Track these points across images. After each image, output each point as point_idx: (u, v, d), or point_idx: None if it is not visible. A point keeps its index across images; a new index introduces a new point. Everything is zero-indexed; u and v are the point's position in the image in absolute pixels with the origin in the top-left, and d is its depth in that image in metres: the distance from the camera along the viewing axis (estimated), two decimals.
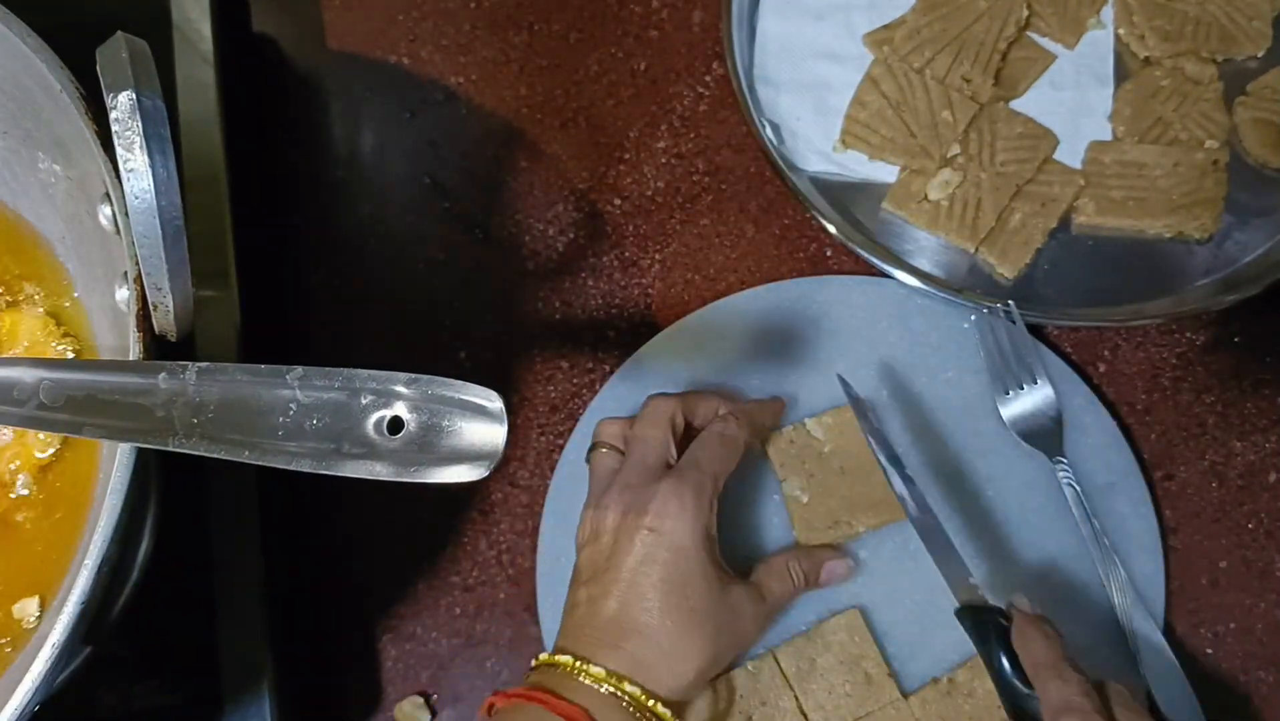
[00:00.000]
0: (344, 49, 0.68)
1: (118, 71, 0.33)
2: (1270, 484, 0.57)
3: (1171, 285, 0.58)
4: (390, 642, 0.57)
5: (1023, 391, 0.56)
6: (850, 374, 0.57)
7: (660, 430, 0.50)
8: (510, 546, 0.58)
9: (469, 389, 0.31)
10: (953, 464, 0.56)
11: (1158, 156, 0.59)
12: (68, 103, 0.41)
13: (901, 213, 0.60)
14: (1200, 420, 0.58)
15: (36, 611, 0.43)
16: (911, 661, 0.52)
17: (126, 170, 0.33)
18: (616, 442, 0.52)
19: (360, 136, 0.66)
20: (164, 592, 0.47)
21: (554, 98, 0.66)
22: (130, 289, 0.38)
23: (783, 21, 0.64)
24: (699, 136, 0.65)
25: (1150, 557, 0.54)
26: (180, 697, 0.52)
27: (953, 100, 0.60)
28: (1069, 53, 0.63)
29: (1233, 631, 0.55)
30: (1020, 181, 0.59)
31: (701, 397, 0.53)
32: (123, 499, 0.37)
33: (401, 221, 0.64)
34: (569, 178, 0.64)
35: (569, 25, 0.67)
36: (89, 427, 0.34)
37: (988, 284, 0.59)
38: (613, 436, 0.52)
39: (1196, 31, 0.61)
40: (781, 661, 0.52)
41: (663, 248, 0.63)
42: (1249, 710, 0.54)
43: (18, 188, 0.49)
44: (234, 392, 0.32)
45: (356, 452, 0.31)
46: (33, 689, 0.35)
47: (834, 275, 0.60)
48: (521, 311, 0.62)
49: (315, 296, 0.63)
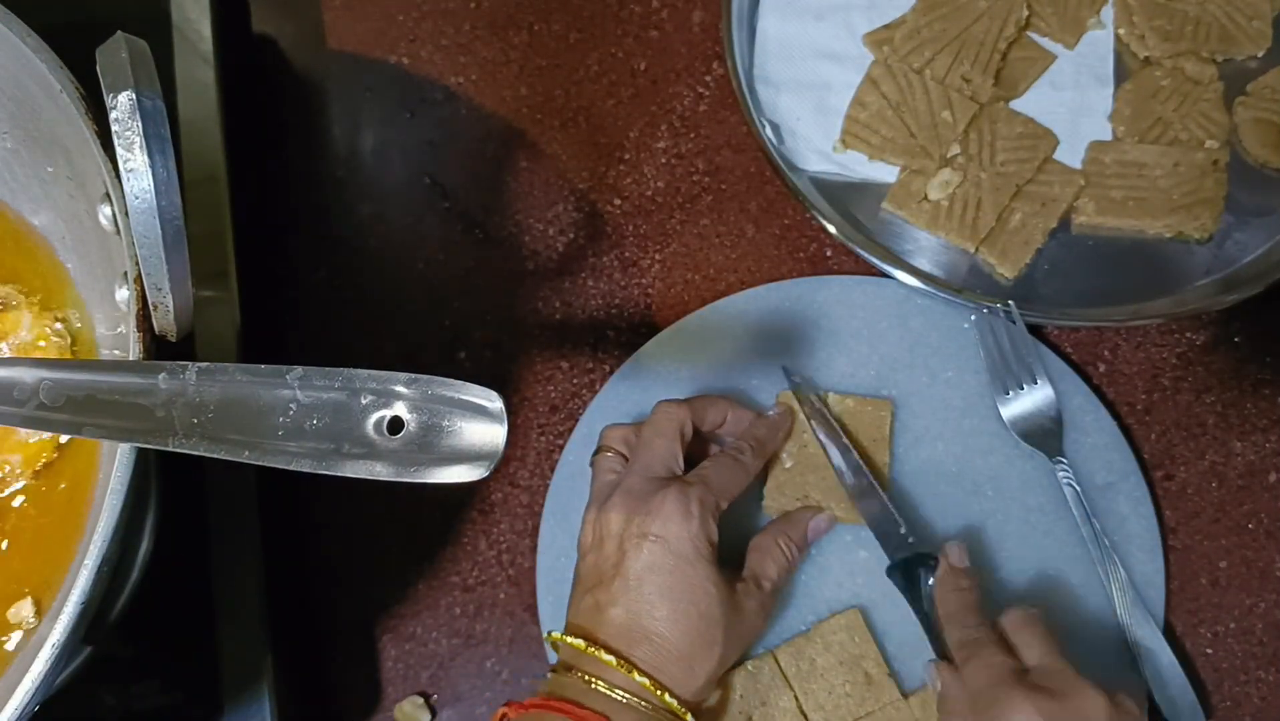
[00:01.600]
0: (344, 49, 0.68)
1: (118, 71, 0.33)
2: (1270, 484, 0.57)
3: (1171, 285, 0.58)
4: (390, 642, 0.57)
5: (1023, 391, 0.56)
6: (850, 374, 0.57)
7: (668, 438, 0.50)
8: (510, 546, 0.58)
9: (469, 389, 0.31)
10: (953, 464, 0.56)
11: (1158, 156, 0.59)
12: (68, 103, 0.41)
13: (901, 213, 0.60)
14: (1200, 420, 0.58)
15: (32, 613, 0.43)
16: (911, 661, 0.52)
17: (126, 170, 0.33)
18: (621, 447, 0.51)
19: (360, 136, 0.66)
20: (164, 592, 0.47)
21: (554, 98, 0.66)
22: (130, 289, 0.38)
23: (783, 21, 0.64)
24: (699, 136, 0.65)
25: (1150, 557, 0.54)
26: (180, 697, 0.52)
27: (953, 100, 0.60)
28: (1069, 53, 0.63)
29: (1233, 631, 0.55)
30: (1020, 181, 0.59)
31: (710, 403, 0.53)
32: (123, 499, 0.37)
33: (401, 221, 0.64)
34: (569, 178, 0.64)
35: (569, 25, 0.67)
36: (89, 428, 0.34)
37: (988, 284, 0.59)
38: (618, 441, 0.52)
39: (1196, 31, 0.61)
40: (781, 661, 0.52)
41: (663, 248, 0.63)
42: (1249, 710, 0.54)
43: (18, 188, 0.49)
44: (234, 392, 0.32)
45: (356, 452, 0.31)
46: (33, 689, 0.35)
47: (834, 275, 0.60)
48: (521, 311, 0.62)
49: (315, 296, 0.63)
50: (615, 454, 0.51)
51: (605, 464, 0.51)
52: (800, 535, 0.52)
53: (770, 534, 0.52)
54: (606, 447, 0.52)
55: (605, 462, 0.51)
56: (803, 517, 0.53)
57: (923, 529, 0.54)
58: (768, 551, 0.51)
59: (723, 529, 0.48)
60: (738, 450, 0.51)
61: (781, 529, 0.52)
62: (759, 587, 0.49)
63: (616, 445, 0.52)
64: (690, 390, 0.57)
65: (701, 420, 0.52)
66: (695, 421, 0.51)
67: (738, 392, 0.57)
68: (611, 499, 0.48)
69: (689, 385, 0.57)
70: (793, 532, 0.52)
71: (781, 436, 0.54)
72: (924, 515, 0.55)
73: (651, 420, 0.51)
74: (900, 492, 0.55)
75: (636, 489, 0.48)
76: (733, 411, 0.53)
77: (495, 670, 0.56)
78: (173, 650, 0.52)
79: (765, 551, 0.51)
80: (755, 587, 0.49)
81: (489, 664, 0.56)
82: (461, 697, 0.56)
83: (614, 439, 0.52)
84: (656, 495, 0.47)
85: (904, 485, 0.55)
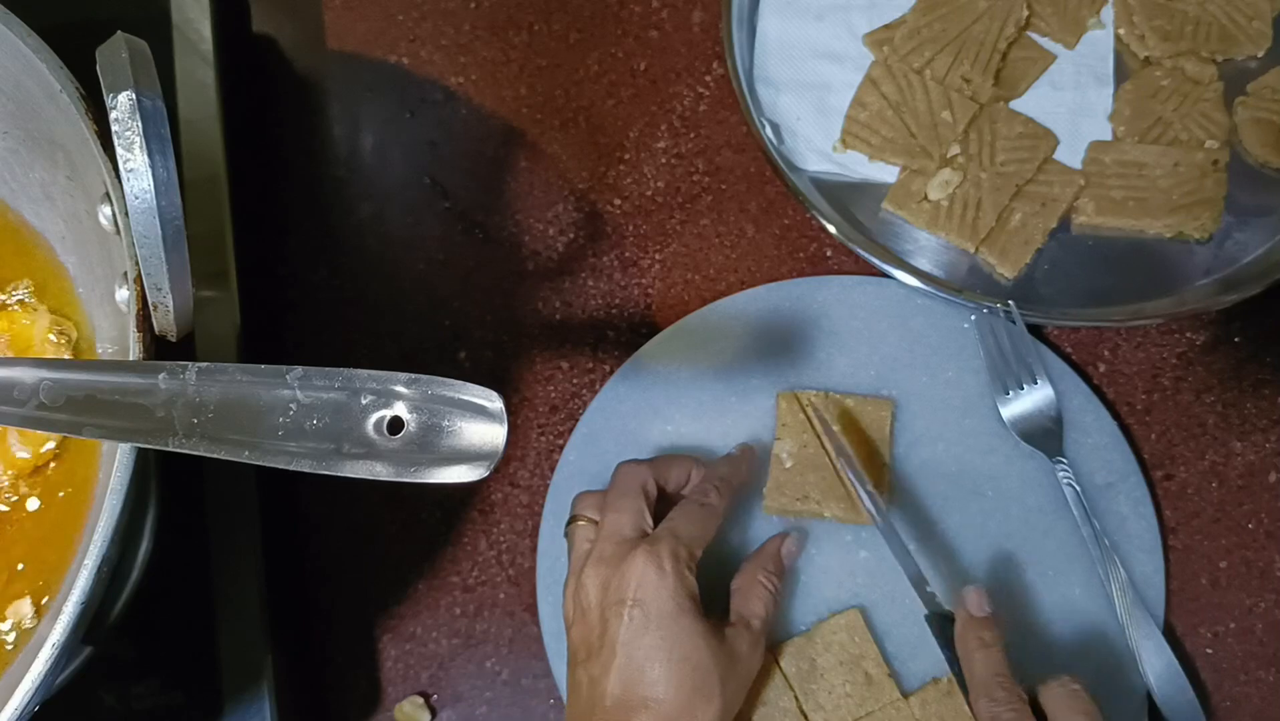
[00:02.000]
0: (344, 49, 0.68)
1: (118, 71, 0.33)
2: (1270, 484, 0.57)
3: (1171, 285, 0.58)
4: (390, 642, 0.57)
5: (1023, 391, 0.56)
6: (850, 374, 0.57)
7: (632, 498, 0.49)
8: (510, 546, 0.58)
9: (469, 389, 0.31)
10: (953, 464, 0.56)
11: (1158, 156, 0.59)
12: (68, 103, 0.41)
13: (901, 213, 0.60)
14: (1200, 420, 0.58)
15: (31, 613, 0.43)
16: (911, 661, 0.53)
17: (126, 170, 0.33)
18: (594, 514, 0.51)
19: (360, 136, 0.66)
20: (164, 592, 0.47)
21: (554, 98, 0.66)
22: (130, 289, 0.38)
23: (783, 21, 0.64)
24: (699, 136, 0.65)
25: (1150, 557, 0.54)
26: (180, 697, 0.52)
27: (953, 100, 0.60)
28: (1069, 53, 0.63)
29: (1233, 631, 0.55)
30: (1020, 181, 0.59)
31: (673, 462, 0.52)
32: (123, 499, 0.37)
33: (401, 221, 0.64)
34: (569, 178, 0.64)
35: (569, 25, 0.67)
36: (89, 428, 0.34)
37: (988, 284, 0.59)
38: (589, 508, 0.51)
39: (1196, 31, 0.61)
40: (781, 661, 0.52)
41: (663, 248, 0.63)
42: (1249, 710, 0.54)
43: (18, 188, 0.49)
44: (234, 392, 0.32)
45: (356, 452, 0.31)
46: (32, 689, 0.35)
47: (834, 275, 0.60)
48: (521, 311, 0.62)
49: (315, 296, 0.63)
50: (588, 521, 0.50)
51: (579, 534, 0.50)
52: (776, 565, 0.52)
53: (748, 572, 0.51)
54: (579, 516, 0.51)
55: (579, 532, 0.50)
56: (774, 547, 0.53)
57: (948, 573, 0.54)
58: (750, 590, 0.51)
59: (724, 536, 0.48)
60: (702, 492, 0.51)
61: (758, 564, 0.52)
62: (748, 628, 0.49)
63: (588, 513, 0.51)
64: (690, 390, 0.57)
65: (665, 479, 0.51)
66: (659, 480, 0.51)
67: (738, 393, 0.57)
68: (585, 569, 0.48)
69: (689, 385, 0.57)
70: (769, 565, 0.52)
71: (745, 470, 0.54)
72: (924, 515, 0.55)
73: (614, 483, 0.51)
74: (900, 492, 0.55)
75: (608, 554, 0.48)
76: (696, 470, 0.52)
77: (495, 670, 0.56)
78: (173, 650, 0.52)
79: (748, 591, 0.51)
80: (745, 629, 0.49)
81: (489, 664, 0.56)
82: (461, 697, 0.56)
83: (585, 506, 0.51)
84: (627, 558, 0.47)
85: (904, 485, 0.56)
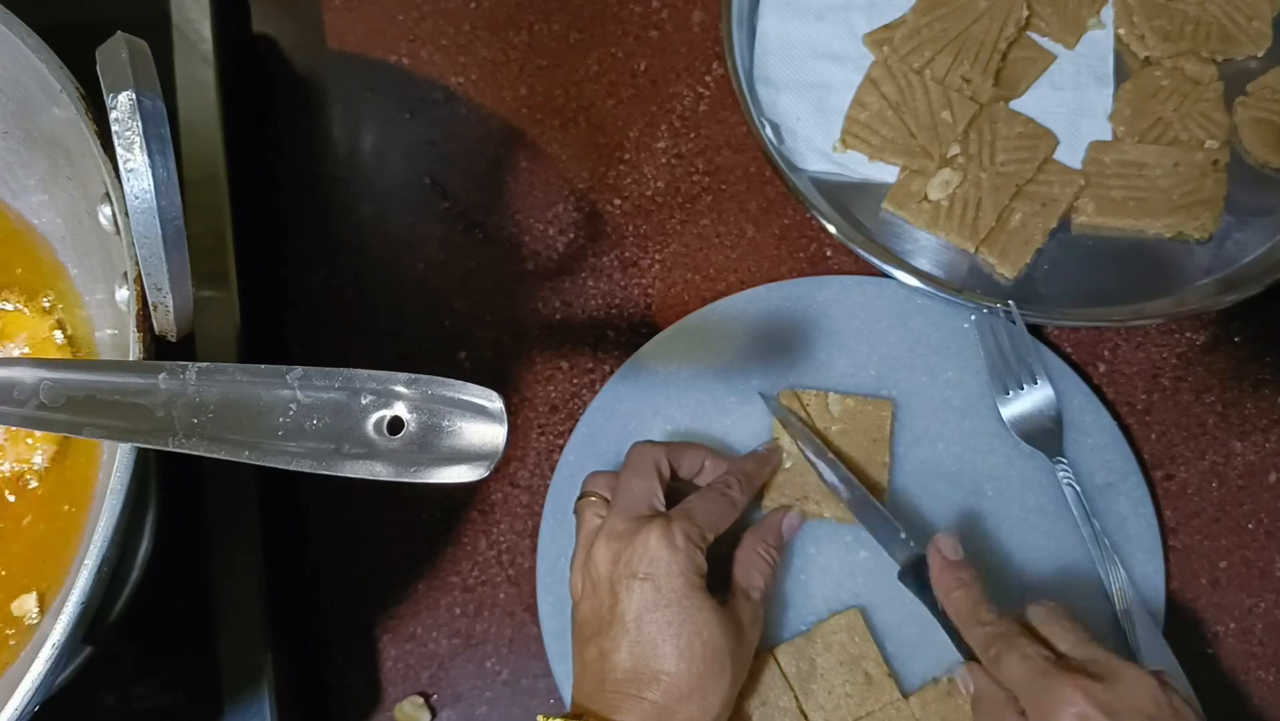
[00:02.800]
0: (344, 49, 0.68)
1: (118, 71, 0.33)
2: (1270, 484, 0.57)
3: (1171, 285, 0.58)
4: (390, 642, 0.57)
5: (1023, 391, 0.56)
6: (850, 374, 0.57)
7: (645, 477, 0.50)
8: (510, 546, 0.58)
9: (469, 389, 0.31)
10: (953, 464, 0.56)
11: (1158, 156, 0.59)
12: (68, 103, 0.41)
13: (901, 213, 0.60)
14: (1200, 420, 0.58)
15: (35, 607, 0.43)
16: (911, 661, 0.53)
17: (126, 170, 0.33)
18: (604, 492, 0.51)
19: (360, 136, 0.66)
20: (164, 592, 0.47)
21: (554, 98, 0.66)
22: (130, 289, 0.38)
23: (783, 21, 0.64)
24: (699, 136, 0.65)
25: (1150, 557, 0.54)
26: (180, 697, 0.52)
27: (953, 100, 0.60)
28: (1069, 53, 0.63)
29: (1233, 631, 0.55)
30: (1020, 181, 0.59)
31: (687, 448, 0.53)
32: (123, 499, 0.37)
33: (401, 221, 0.64)
34: (569, 178, 0.64)
35: (569, 25, 0.67)
36: (89, 428, 0.34)
37: (988, 284, 0.59)
38: (600, 486, 0.51)
39: (1196, 31, 0.61)
40: (781, 661, 0.52)
41: (663, 248, 0.63)
42: (1249, 710, 0.54)
43: (18, 188, 0.49)
44: (234, 392, 0.32)
45: (356, 452, 0.31)
46: (33, 689, 0.35)
47: (834, 275, 0.60)
48: (521, 311, 0.62)
49: (315, 296, 0.63)
50: (598, 499, 0.51)
51: (589, 509, 0.51)
52: (776, 537, 0.52)
53: (748, 544, 0.52)
54: (589, 493, 0.51)
55: (589, 508, 0.51)
56: (775, 519, 0.53)
57: (923, 530, 0.54)
58: (750, 562, 0.51)
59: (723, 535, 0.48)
60: (725, 484, 0.51)
61: (758, 536, 0.52)
62: (749, 599, 0.49)
63: (599, 490, 0.51)
64: (690, 390, 0.57)
65: (678, 464, 0.52)
66: (672, 463, 0.51)
67: (738, 393, 0.57)
68: (596, 543, 0.48)
69: (689, 385, 0.57)
70: (769, 537, 0.52)
71: (769, 471, 0.54)
72: (924, 515, 0.55)
73: (627, 461, 0.51)
74: (900, 492, 0.55)
75: (620, 529, 0.48)
76: (710, 460, 0.53)
77: (495, 670, 0.56)
78: (173, 650, 0.52)
79: (748, 563, 0.51)
80: (746, 600, 0.49)
81: (489, 664, 0.56)
82: (461, 697, 0.56)
83: (596, 484, 0.52)
84: (640, 533, 0.47)
85: (904, 485, 0.56)
